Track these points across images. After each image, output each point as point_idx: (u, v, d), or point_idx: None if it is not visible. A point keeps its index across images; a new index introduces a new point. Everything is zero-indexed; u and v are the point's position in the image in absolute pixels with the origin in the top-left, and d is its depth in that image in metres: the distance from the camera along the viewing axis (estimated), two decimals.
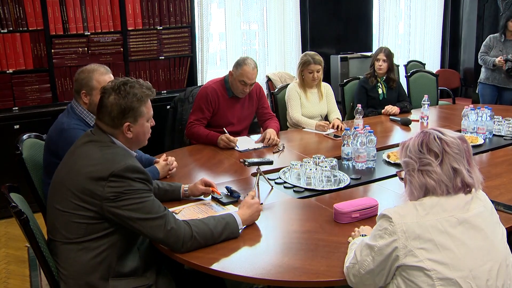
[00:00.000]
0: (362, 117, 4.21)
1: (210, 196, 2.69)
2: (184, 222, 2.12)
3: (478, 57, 6.21)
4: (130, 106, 2.15)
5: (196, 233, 2.10)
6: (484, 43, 6.22)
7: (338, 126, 4.19)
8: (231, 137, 3.69)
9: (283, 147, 3.68)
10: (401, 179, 1.93)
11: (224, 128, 3.82)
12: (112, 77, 2.85)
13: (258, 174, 2.86)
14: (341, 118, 4.49)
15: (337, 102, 4.70)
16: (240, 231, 2.25)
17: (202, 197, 2.68)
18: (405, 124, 4.35)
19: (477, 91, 6.44)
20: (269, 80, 6.33)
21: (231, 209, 2.51)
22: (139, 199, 2.04)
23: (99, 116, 2.19)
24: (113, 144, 2.16)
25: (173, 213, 2.46)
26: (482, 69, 6.25)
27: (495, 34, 6.18)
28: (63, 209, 2.07)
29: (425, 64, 7.46)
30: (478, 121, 3.91)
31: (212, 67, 6.19)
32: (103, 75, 2.88)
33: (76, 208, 2.04)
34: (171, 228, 2.06)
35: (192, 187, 2.67)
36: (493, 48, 6.09)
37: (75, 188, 2.04)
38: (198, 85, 5.62)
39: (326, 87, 4.60)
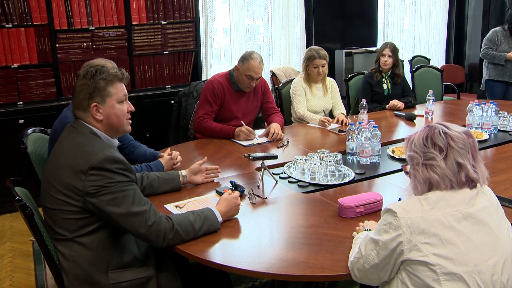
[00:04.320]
0: (367, 112, 4.21)
1: (215, 191, 2.70)
2: (165, 216, 2.13)
3: (482, 52, 6.05)
4: (96, 86, 2.14)
5: (178, 225, 2.11)
6: (488, 37, 6.02)
7: (342, 121, 4.19)
8: (251, 129, 3.73)
9: (288, 141, 3.67)
10: (407, 173, 1.93)
11: (241, 121, 3.83)
12: None
13: (263, 169, 2.87)
14: (345, 113, 4.49)
15: (342, 97, 4.69)
16: (220, 224, 2.27)
17: (207, 195, 2.68)
18: (410, 119, 4.34)
19: (482, 88, 6.34)
20: (273, 75, 6.33)
21: None
22: (120, 193, 2.03)
23: (72, 102, 2.22)
24: (92, 136, 2.15)
25: (178, 207, 2.48)
26: (489, 66, 6.08)
27: (498, 28, 6.00)
28: (52, 206, 2.08)
29: (430, 59, 7.44)
30: (483, 117, 3.89)
31: (216, 62, 6.19)
32: None
33: (63, 204, 2.05)
34: (153, 223, 2.06)
35: (190, 167, 2.78)
36: (501, 44, 5.93)
37: (58, 183, 2.05)
38: (203, 79, 5.62)
39: (331, 82, 4.60)
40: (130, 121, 2.29)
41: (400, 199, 2.24)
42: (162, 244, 2.09)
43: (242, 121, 3.82)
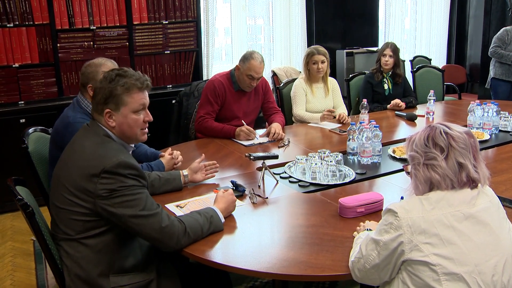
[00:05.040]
0: (368, 112, 4.20)
1: (216, 189, 2.70)
2: (177, 219, 2.12)
3: (490, 50, 6.00)
4: (112, 92, 2.11)
5: (189, 229, 2.11)
6: (498, 35, 5.97)
7: (343, 117, 4.19)
8: (251, 128, 3.73)
9: (288, 141, 3.67)
10: (408, 173, 1.92)
11: (242, 120, 3.83)
12: None
13: (264, 169, 2.87)
14: (347, 113, 4.48)
15: (343, 97, 4.69)
16: (223, 224, 2.28)
17: (208, 194, 2.67)
18: (411, 120, 4.34)
19: (487, 86, 6.29)
20: (274, 75, 6.33)
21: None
22: (132, 196, 2.02)
23: (91, 103, 2.21)
24: (107, 138, 2.14)
25: (179, 206, 2.48)
26: (496, 64, 6.04)
27: (510, 28, 5.93)
28: (61, 205, 2.07)
29: (431, 59, 7.44)
30: (484, 117, 3.89)
31: (217, 61, 6.19)
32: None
33: (72, 205, 2.04)
34: (166, 226, 2.05)
35: (190, 166, 2.79)
36: (511, 43, 5.85)
37: (69, 184, 2.04)
38: (204, 79, 5.62)
39: (332, 82, 4.60)
40: (146, 130, 2.25)
41: (402, 198, 2.24)
42: (174, 247, 2.08)
43: (242, 121, 3.82)
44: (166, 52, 5.45)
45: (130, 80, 2.13)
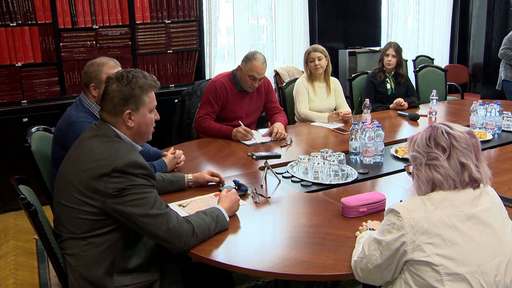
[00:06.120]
0: (370, 112, 4.20)
1: (218, 190, 2.70)
2: (185, 220, 2.12)
3: (500, 52, 5.96)
4: (131, 93, 2.13)
5: (197, 229, 2.11)
6: (508, 37, 5.93)
7: (347, 114, 4.19)
8: (248, 129, 3.72)
9: (291, 141, 3.67)
10: (409, 173, 1.92)
11: (239, 121, 3.83)
12: None
13: (266, 168, 2.87)
14: (350, 112, 4.47)
15: (345, 97, 4.69)
16: (228, 223, 2.28)
17: (211, 194, 2.67)
18: (413, 119, 4.34)
19: (498, 88, 6.24)
20: (277, 75, 6.33)
21: None
22: (141, 195, 2.02)
23: (102, 105, 2.19)
24: (117, 138, 2.14)
25: (181, 206, 2.49)
26: (506, 66, 6.00)
27: None
28: (68, 204, 2.07)
29: (433, 59, 7.42)
30: (487, 117, 3.88)
31: (220, 61, 6.20)
32: (112, 69, 2.88)
33: (80, 204, 2.04)
34: (173, 226, 2.05)
35: (198, 175, 2.75)
36: None
37: (79, 183, 2.04)
38: (206, 79, 5.62)
39: (334, 81, 4.60)
40: (153, 129, 2.30)
41: (401, 201, 2.24)
42: (183, 247, 2.08)
43: (240, 121, 3.82)
44: (168, 51, 5.46)
45: (146, 80, 2.18)
